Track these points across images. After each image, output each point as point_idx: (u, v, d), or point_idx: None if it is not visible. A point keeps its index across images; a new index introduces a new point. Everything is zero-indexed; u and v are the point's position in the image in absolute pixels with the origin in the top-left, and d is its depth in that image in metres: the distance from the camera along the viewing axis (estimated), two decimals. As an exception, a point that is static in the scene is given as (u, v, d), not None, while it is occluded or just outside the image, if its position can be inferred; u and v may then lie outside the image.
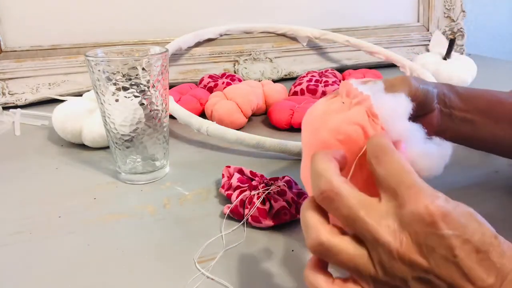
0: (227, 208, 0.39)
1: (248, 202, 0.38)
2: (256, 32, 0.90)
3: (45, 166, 0.51)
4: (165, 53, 0.44)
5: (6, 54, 0.74)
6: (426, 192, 0.23)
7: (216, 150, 0.56)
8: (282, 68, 0.89)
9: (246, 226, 0.38)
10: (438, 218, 0.22)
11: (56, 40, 0.77)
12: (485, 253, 0.22)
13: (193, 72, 0.84)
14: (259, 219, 0.37)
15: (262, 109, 0.68)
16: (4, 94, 0.72)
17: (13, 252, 0.36)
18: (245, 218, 0.38)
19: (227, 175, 0.43)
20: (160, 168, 0.48)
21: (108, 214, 0.41)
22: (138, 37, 0.82)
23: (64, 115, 0.55)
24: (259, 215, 0.37)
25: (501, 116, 0.37)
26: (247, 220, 0.38)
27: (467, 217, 0.23)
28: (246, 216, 0.38)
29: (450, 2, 1.06)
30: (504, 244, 0.22)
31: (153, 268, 0.34)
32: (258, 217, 0.37)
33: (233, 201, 0.39)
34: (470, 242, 0.22)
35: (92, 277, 0.33)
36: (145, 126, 0.45)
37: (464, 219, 0.22)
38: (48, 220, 0.40)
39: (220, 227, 0.38)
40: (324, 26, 0.94)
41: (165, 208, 0.42)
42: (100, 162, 0.52)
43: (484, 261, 0.22)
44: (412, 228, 0.22)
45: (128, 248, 0.36)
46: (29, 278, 0.33)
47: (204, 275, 0.32)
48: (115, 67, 0.42)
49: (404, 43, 1.03)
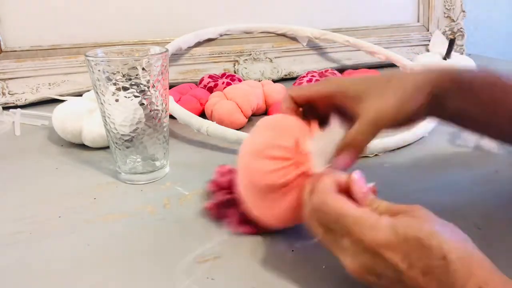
0: (210, 208, 0.39)
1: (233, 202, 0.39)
2: (256, 32, 0.90)
3: (45, 166, 0.51)
4: (165, 53, 0.44)
5: (6, 54, 0.74)
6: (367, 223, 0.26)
7: (216, 150, 0.56)
8: (282, 68, 0.89)
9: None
10: (382, 247, 0.25)
11: (56, 40, 0.77)
12: (432, 274, 0.24)
13: (193, 72, 0.84)
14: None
15: (262, 109, 0.68)
16: (4, 94, 0.72)
17: (13, 252, 0.36)
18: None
19: (219, 175, 0.43)
20: (160, 168, 0.48)
21: (108, 214, 0.41)
22: (138, 37, 0.82)
23: (64, 115, 0.55)
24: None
25: (500, 113, 0.35)
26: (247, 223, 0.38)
27: (412, 243, 0.25)
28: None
29: (450, 2, 1.06)
30: (456, 262, 0.24)
31: (153, 268, 0.34)
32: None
33: (218, 199, 0.39)
34: (415, 266, 0.24)
35: (92, 277, 0.33)
36: (145, 126, 0.45)
37: (409, 246, 0.25)
38: (48, 220, 0.40)
39: (220, 227, 0.38)
40: (324, 26, 0.94)
41: (165, 208, 0.42)
42: (100, 162, 0.52)
43: (434, 282, 0.24)
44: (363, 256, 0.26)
45: (128, 248, 0.36)
46: (29, 278, 0.33)
47: (204, 275, 0.32)
48: (115, 67, 0.42)
49: (404, 43, 1.03)
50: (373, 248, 0.25)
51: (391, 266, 0.25)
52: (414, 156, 0.53)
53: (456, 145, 0.55)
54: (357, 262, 0.26)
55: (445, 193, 0.44)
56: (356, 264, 0.26)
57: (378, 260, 0.25)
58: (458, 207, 0.41)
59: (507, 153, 0.53)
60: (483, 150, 0.53)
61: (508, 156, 0.52)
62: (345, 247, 0.27)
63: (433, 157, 0.53)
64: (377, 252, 0.25)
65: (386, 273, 0.25)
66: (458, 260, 0.24)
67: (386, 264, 0.25)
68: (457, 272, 0.23)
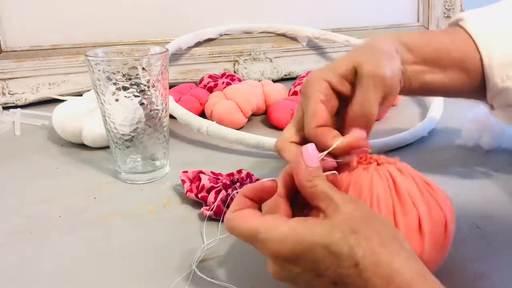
0: (206, 210, 0.39)
1: (231, 200, 0.39)
2: (256, 32, 0.90)
3: (45, 166, 0.51)
4: (165, 53, 0.44)
5: (6, 54, 0.74)
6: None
7: (216, 150, 0.56)
8: (282, 68, 0.89)
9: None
10: (285, 261, 0.24)
11: (56, 40, 0.77)
12: (343, 284, 0.22)
13: (193, 72, 0.84)
14: None
15: (262, 109, 0.68)
16: (4, 94, 0.72)
17: (13, 252, 0.36)
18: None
19: (188, 180, 0.43)
20: (160, 168, 0.48)
21: (108, 214, 0.41)
22: (138, 37, 0.82)
23: (64, 115, 0.55)
24: None
25: (448, 64, 0.37)
26: None
27: (319, 252, 0.23)
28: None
29: (450, 2, 1.06)
30: (371, 269, 0.22)
31: (153, 268, 0.34)
32: None
33: (212, 202, 0.39)
34: (324, 276, 0.23)
35: (92, 277, 0.33)
36: (145, 126, 0.45)
37: (315, 256, 0.23)
38: (48, 220, 0.40)
39: (220, 227, 0.38)
40: (324, 26, 0.94)
41: (165, 208, 0.42)
42: (100, 162, 0.52)
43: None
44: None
45: (128, 248, 0.36)
46: (29, 278, 0.33)
47: (204, 275, 0.32)
48: (115, 67, 0.42)
49: (404, 43, 1.03)
50: (276, 261, 0.25)
51: (299, 275, 0.24)
52: (414, 156, 0.53)
53: (456, 145, 0.55)
54: (272, 268, 0.26)
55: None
56: (272, 270, 0.26)
57: (286, 270, 0.25)
58: (458, 207, 0.41)
59: (507, 153, 0.53)
60: (483, 150, 0.53)
61: (508, 156, 0.52)
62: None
63: (433, 157, 0.53)
64: (280, 264, 0.25)
65: (299, 281, 0.25)
66: (374, 265, 0.21)
67: (294, 274, 0.24)
68: (371, 280, 0.21)
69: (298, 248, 0.23)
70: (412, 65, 0.37)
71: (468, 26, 0.38)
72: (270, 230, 0.24)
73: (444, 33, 0.39)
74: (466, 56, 0.37)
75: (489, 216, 0.40)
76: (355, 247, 0.22)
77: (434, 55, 0.37)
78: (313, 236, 0.23)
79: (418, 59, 0.37)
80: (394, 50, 0.35)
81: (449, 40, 0.38)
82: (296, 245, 0.23)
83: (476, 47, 0.37)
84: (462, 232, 0.37)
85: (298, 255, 0.23)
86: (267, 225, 0.25)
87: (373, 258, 0.22)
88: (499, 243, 0.36)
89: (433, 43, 0.37)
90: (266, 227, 0.25)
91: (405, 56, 0.36)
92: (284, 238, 0.24)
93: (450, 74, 0.37)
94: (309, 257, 0.23)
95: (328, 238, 0.23)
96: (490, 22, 0.38)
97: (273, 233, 0.24)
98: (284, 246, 0.23)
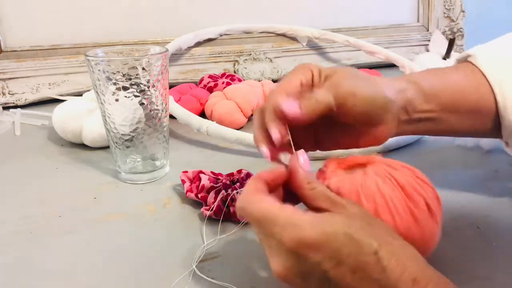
0: (206, 210, 0.39)
1: (231, 201, 0.39)
2: (256, 32, 0.90)
3: (45, 166, 0.51)
4: (165, 53, 0.44)
5: (6, 54, 0.74)
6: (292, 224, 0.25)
7: (216, 150, 0.56)
8: (282, 68, 0.89)
9: (244, 225, 0.38)
10: (305, 247, 0.24)
11: (56, 40, 0.77)
12: (362, 271, 0.23)
13: (193, 72, 0.84)
14: None
15: (262, 109, 0.68)
16: (4, 94, 0.72)
17: (13, 252, 0.36)
18: (242, 222, 0.38)
19: (188, 180, 0.43)
20: (160, 168, 0.48)
21: (108, 214, 0.41)
22: (138, 37, 0.82)
23: (64, 115, 0.55)
24: None
25: (463, 109, 0.36)
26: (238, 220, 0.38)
27: (341, 239, 0.24)
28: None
29: (450, 2, 1.06)
30: (388, 256, 0.23)
31: (153, 268, 0.34)
32: None
33: (212, 202, 0.39)
34: (344, 264, 0.23)
35: (92, 277, 0.33)
36: (145, 126, 0.45)
37: (337, 243, 0.24)
38: (48, 220, 0.40)
39: (220, 228, 0.38)
40: (324, 26, 0.94)
41: (165, 207, 0.42)
42: (100, 162, 0.52)
43: (364, 279, 0.23)
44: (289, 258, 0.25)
45: (128, 248, 0.36)
46: (29, 278, 0.33)
47: (204, 275, 0.32)
48: (115, 67, 0.42)
49: (404, 43, 1.03)
50: (296, 249, 0.24)
51: (316, 265, 0.24)
52: (414, 156, 0.53)
53: (456, 145, 0.55)
54: (281, 263, 0.25)
55: (445, 193, 0.44)
56: (281, 266, 0.25)
57: (303, 261, 0.24)
58: (458, 207, 0.41)
59: (507, 153, 0.53)
60: (483, 150, 0.53)
61: (508, 156, 0.52)
62: (273, 247, 0.26)
63: (433, 157, 0.53)
64: (300, 252, 0.24)
65: (313, 273, 0.24)
66: (390, 254, 0.23)
67: (311, 264, 0.24)
68: (389, 266, 0.23)
69: (322, 235, 0.24)
70: (424, 113, 0.35)
71: (478, 63, 0.37)
72: (292, 217, 0.25)
73: (457, 72, 0.38)
74: (482, 98, 0.36)
75: (489, 216, 0.40)
76: (372, 236, 0.24)
77: (450, 100, 0.35)
78: (335, 224, 0.24)
79: (433, 106, 0.35)
80: (397, 88, 0.33)
81: (465, 81, 0.36)
82: (320, 231, 0.24)
83: (490, 87, 0.36)
84: (462, 232, 0.37)
85: (322, 242, 0.24)
86: (289, 211, 0.25)
87: (389, 248, 0.24)
88: (499, 243, 0.36)
89: (451, 87, 0.36)
90: (288, 213, 0.25)
91: (419, 106, 0.35)
92: (309, 225, 0.24)
93: (462, 117, 0.36)
94: (331, 244, 0.24)
95: (348, 226, 0.24)
96: (500, 58, 0.37)
97: (296, 219, 0.25)
98: (309, 233, 0.24)
